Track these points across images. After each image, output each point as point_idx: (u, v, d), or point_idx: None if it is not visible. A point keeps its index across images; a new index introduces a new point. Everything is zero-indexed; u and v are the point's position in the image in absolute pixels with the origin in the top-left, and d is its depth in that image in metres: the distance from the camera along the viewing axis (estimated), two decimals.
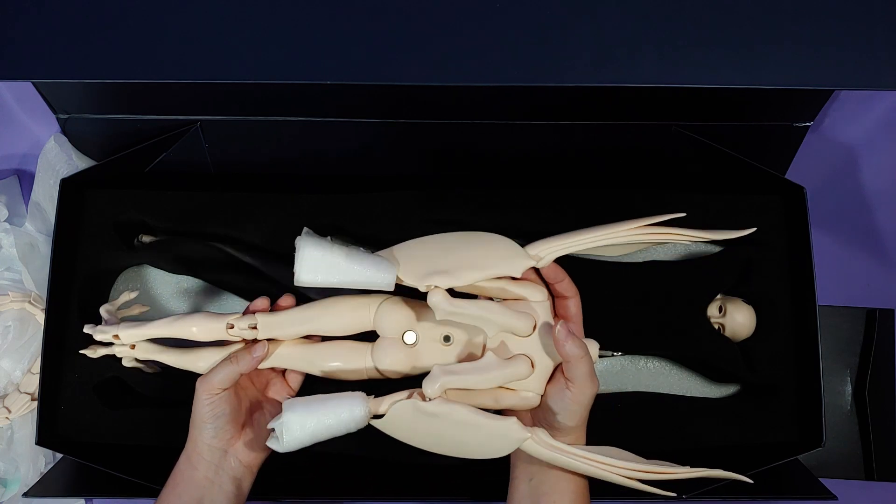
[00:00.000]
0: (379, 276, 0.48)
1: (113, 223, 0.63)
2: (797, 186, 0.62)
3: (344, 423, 0.48)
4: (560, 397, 0.49)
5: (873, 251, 0.73)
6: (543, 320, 0.51)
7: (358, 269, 0.48)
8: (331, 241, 0.49)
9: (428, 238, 0.52)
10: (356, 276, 0.48)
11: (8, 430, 0.65)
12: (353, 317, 0.53)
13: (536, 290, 0.51)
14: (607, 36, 0.48)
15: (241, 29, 0.48)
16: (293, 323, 0.53)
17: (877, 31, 0.48)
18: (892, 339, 0.68)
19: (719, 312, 0.63)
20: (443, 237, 0.52)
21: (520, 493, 0.51)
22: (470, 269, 0.49)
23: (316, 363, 0.54)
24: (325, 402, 0.48)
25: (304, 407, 0.48)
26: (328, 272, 0.47)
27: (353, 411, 0.48)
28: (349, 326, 0.53)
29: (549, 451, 0.48)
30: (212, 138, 0.64)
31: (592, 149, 0.65)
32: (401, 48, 0.48)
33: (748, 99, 0.60)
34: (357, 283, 0.48)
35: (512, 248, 0.51)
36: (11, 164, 0.71)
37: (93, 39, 0.48)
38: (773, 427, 0.61)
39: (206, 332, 0.53)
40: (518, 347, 0.50)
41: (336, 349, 0.54)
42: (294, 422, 0.47)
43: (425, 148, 0.66)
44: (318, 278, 0.47)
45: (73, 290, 0.61)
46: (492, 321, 0.49)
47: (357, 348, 0.54)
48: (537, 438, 0.48)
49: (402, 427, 0.49)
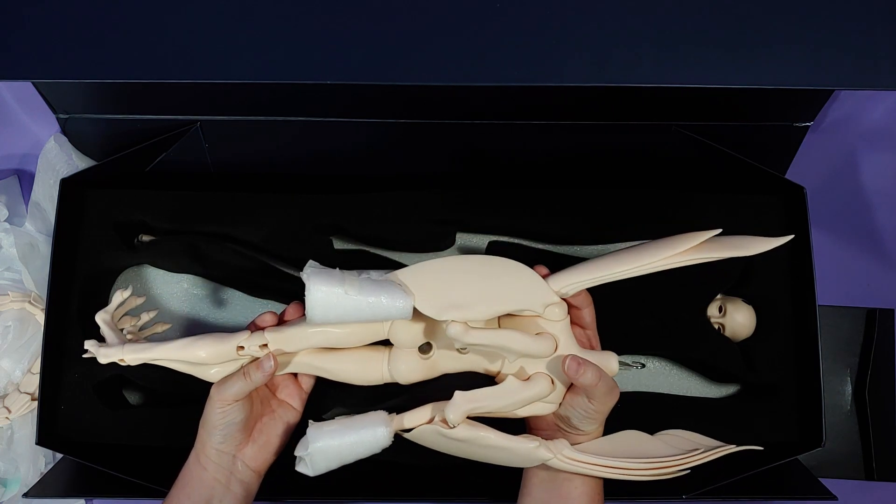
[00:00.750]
0: (395, 308, 0.46)
1: (113, 223, 0.63)
2: (797, 186, 0.62)
3: (367, 444, 0.49)
4: (582, 408, 0.49)
5: (873, 251, 0.73)
6: (564, 339, 0.50)
7: (373, 301, 0.46)
8: (341, 274, 0.47)
9: (445, 262, 0.49)
10: (372, 309, 0.46)
11: (8, 430, 0.65)
12: (366, 329, 0.51)
13: (557, 308, 0.50)
14: (607, 36, 0.48)
15: (241, 29, 0.48)
16: (303, 339, 0.51)
17: (877, 31, 0.48)
18: (892, 338, 0.68)
19: (719, 312, 0.63)
20: (460, 261, 0.50)
21: (538, 477, 0.52)
22: (489, 303, 0.48)
23: (330, 371, 0.53)
24: (348, 426, 0.49)
25: (329, 434, 0.49)
26: (342, 311, 0.46)
27: (377, 432, 0.48)
28: (362, 339, 0.52)
29: (572, 466, 0.49)
30: (212, 138, 0.64)
31: (592, 149, 0.65)
32: (401, 48, 0.48)
33: (748, 99, 0.60)
34: (373, 317, 0.46)
35: (534, 281, 0.49)
36: (11, 164, 0.71)
37: (93, 39, 0.48)
38: (773, 427, 0.61)
39: (216, 355, 0.51)
40: (538, 363, 0.50)
41: (350, 357, 0.53)
42: (320, 451, 0.48)
43: (425, 148, 0.65)
44: (332, 317, 0.46)
45: (73, 290, 0.61)
46: (513, 350, 0.48)
47: (372, 357, 0.53)
48: (560, 457, 0.49)
49: (428, 443, 0.49)
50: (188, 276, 0.67)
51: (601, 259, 0.50)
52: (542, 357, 0.49)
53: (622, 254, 0.50)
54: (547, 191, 0.64)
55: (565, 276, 0.50)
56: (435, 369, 0.52)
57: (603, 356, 0.51)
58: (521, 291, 0.48)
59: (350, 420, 0.49)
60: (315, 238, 0.63)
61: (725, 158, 0.62)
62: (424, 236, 0.63)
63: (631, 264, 0.49)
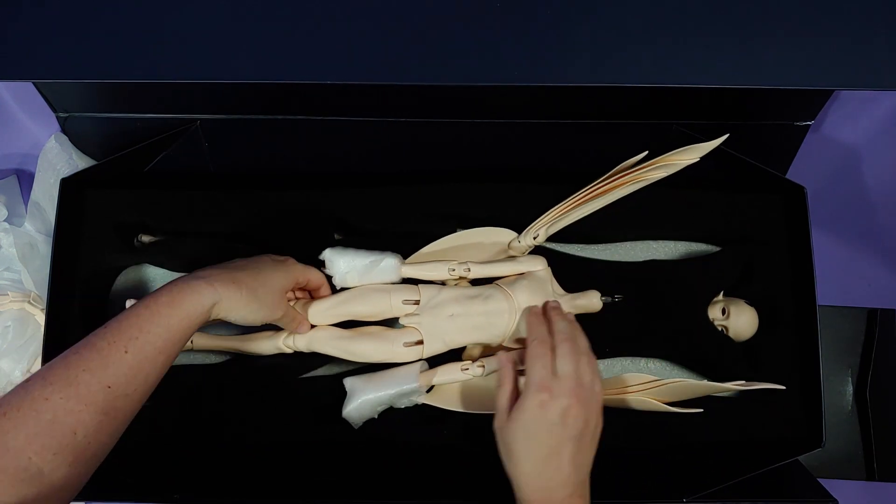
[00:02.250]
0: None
1: (113, 223, 0.63)
2: (798, 186, 0.62)
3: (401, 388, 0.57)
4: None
5: (874, 251, 0.73)
6: (550, 284, 0.60)
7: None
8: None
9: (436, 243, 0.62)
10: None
11: None
12: (376, 302, 0.59)
13: (536, 261, 0.60)
14: (607, 36, 0.48)
15: (241, 29, 0.48)
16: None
17: (877, 31, 0.48)
18: (893, 339, 0.68)
19: (723, 314, 0.63)
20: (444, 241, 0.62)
21: None
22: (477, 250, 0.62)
23: (351, 351, 0.59)
24: (382, 374, 0.58)
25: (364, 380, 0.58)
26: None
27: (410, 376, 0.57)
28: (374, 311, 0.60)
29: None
30: (211, 137, 0.64)
31: (593, 147, 0.65)
32: (401, 48, 0.48)
33: (748, 99, 0.60)
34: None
35: (505, 232, 0.62)
36: (11, 164, 0.71)
37: (93, 39, 0.48)
38: (774, 427, 0.61)
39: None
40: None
41: (366, 339, 0.59)
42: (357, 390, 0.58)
43: (425, 147, 0.65)
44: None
45: (73, 289, 0.61)
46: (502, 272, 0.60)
47: (385, 336, 0.59)
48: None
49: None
50: None
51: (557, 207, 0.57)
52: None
53: (571, 198, 0.57)
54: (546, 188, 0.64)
55: (530, 229, 0.59)
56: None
57: (586, 295, 0.59)
58: (497, 235, 0.62)
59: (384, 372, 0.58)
60: (316, 234, 0.63)
61: (726, 158, 0.62)
62: (424, 230, 0.63)
63: (580, 200, 0.56)
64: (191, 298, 0.47)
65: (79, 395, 0.42)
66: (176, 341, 0.47)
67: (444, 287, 0.59)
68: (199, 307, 0.48)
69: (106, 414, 0.43)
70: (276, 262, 0.55)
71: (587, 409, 0.48)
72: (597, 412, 0.49)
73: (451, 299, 0.58)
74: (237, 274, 0.51)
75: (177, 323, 0.46)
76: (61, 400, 0.41)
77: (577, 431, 0.47)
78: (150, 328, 0.45)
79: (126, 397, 0.44)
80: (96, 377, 0.43)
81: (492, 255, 0.62)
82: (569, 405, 0.47)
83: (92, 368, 0.43)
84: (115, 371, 0.43)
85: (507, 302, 0.57)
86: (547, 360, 0.49)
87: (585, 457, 0.48)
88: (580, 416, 0.47)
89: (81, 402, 0.42)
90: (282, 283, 0.54)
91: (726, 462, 0.59)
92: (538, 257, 0.60)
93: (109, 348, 0.44)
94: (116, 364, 0.44)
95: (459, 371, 0.58)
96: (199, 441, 0.60)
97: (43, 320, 0.60)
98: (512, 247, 0.61)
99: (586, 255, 0.67)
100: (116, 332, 0.45)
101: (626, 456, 0.61)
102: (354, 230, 0.64)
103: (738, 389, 0.58)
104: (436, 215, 0.64)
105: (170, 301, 0.47)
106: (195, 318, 0.48)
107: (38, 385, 0.42)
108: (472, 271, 0.59)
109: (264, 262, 0.54)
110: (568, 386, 0.48)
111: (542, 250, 0.63)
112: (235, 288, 0.50)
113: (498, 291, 0.58)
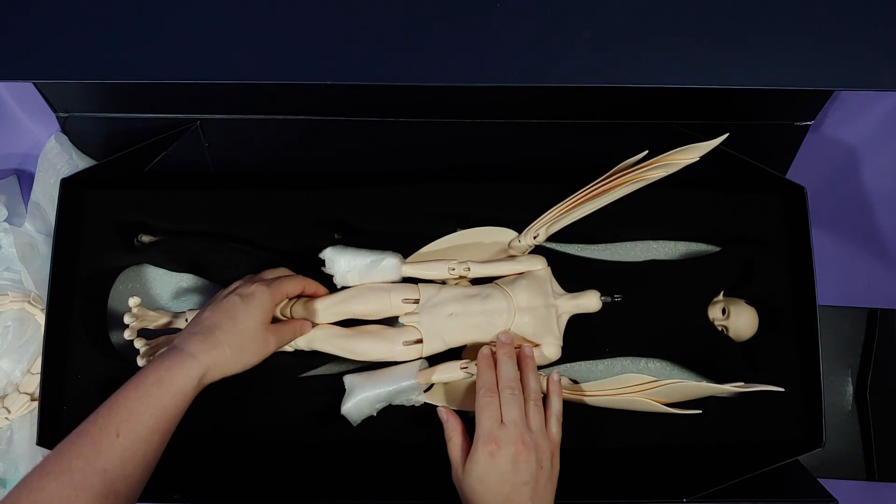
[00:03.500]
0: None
1: (113, 223, 0.63)
2: (798, 186, 0.62)
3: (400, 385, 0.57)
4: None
5: (874, 251, 0.73)
6: (550, 283, 0.60)
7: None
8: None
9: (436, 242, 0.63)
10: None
11: (8, 431, 0.65)
12: (377, 301, 0.59)
13: (536, 260, 0.60)
14: (607, 36, 0.48)
15: (241, 29, 0.48)
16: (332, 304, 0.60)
17: (877, 31, 0.48)
18: (893, 339, 0.68)
19: (723, 315, 0.63)
20: (445, 240, 0.63)
21: None
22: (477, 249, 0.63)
23: (350, 350, 0.59)
24: (382, 371, 0.58)
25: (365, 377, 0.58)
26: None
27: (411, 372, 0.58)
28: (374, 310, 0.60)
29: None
30: (211, 137, 0.64)
31: (593, 147, 0.65)
32: (401, 48, 0.48)
33: (748, 99, 0.60)
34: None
35: (504, 231, 0.63)
36: (11, 164, 0.71)
37: (93, 39, 0.48)
38: (774, 427, 0.61)
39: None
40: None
41: (365, 337, 0.60)
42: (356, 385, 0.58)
43: (425, 146, 0.65)
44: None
45: (73, 289, 0.61)
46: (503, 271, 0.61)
47: (385, 335, 0.59)
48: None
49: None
50: (188, 276, 0.67)
51: (557, 207, 0.58)
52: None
53: (571, 198, 0.57)
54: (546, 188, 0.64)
55: (530, 228, 0.59)
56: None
57: (585, 294, 0.59)
58: (497, 235, 0.62)
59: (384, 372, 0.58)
60: (316, 234, 0.63)
61: (726, 158, 0.62)
62: (424, 230, 0.63)
63: (579, 199, 0.57)
64: (179, 374, 0.48)
65: (73, 482, 0.43)
66: (169, 419, 0.47)
67: (444, 286, 0.59)
68: (188, 382, 0.48)
69: (106, 497, 0.43)
70: (245, 299, 0.53)
71: (537, 452, 0.50)
72: (548, 454, 0.51)
73: (451, 298, 0.58)
74: (216, 336, 0.50)
75: (168, 401, 0.47)
76: (57, 488, 0.42)
77: (529, 476, 0.49)
78: (141, 409, 0.46)
79: (125, 479, 0.45)
80: (90, 463, 0.43)
81: (492, 255, 0.62)
82: (517, 452, 0.49)
83: (85, 455, 0.44)
84: (108, 455, 0.44)
85: (506, 301, 0.57)
86: (494, 408, 0.51)
87: (543, 498, 0.50)
88: (530, 460, 0.49)
89: (77, 488, 0.43)
90: (260, 318, 0.53)
91: (726, 462, 0.59)
92: (538, 257, 0.60)
93: (101, 434, 0.45)
94: (109, 448, 0.44)
95: (459, 370, 0.58)
96: (199, 441, 0.60)
97: (43, 320, 0.60)
98: (512, 246, 0.61)
99: (586, 255, 0.67)
100: (107, 416, 0.45)
101: (626, 456, 0.61)
102: (354, 230, 0.64)
103: (737, 391, 0.58)
104: (436, 215, 0.64)
105: (158, 380, 0.47)
106: (187, 394, 0.48)
107: (35, 475, 0.43)
108: (472, 271, 0.59)
109: (235, 306, 0.53)
110: (515, 433, 0.50)
111: (542, 250, 0.64)
112: (220, 352, 0.50)
113: (497, 291, 0.58)
